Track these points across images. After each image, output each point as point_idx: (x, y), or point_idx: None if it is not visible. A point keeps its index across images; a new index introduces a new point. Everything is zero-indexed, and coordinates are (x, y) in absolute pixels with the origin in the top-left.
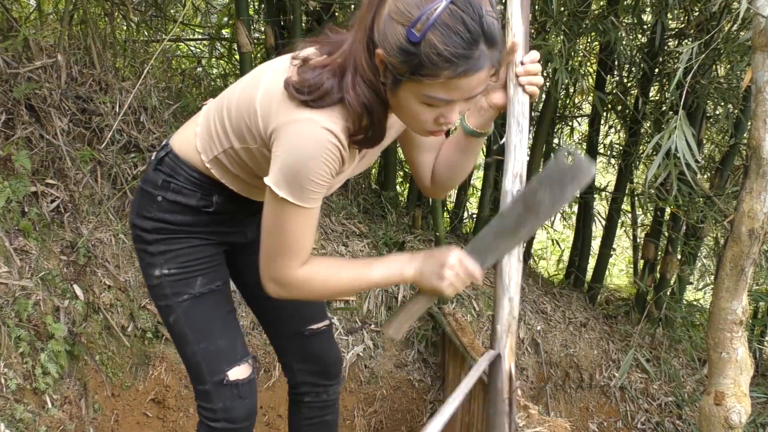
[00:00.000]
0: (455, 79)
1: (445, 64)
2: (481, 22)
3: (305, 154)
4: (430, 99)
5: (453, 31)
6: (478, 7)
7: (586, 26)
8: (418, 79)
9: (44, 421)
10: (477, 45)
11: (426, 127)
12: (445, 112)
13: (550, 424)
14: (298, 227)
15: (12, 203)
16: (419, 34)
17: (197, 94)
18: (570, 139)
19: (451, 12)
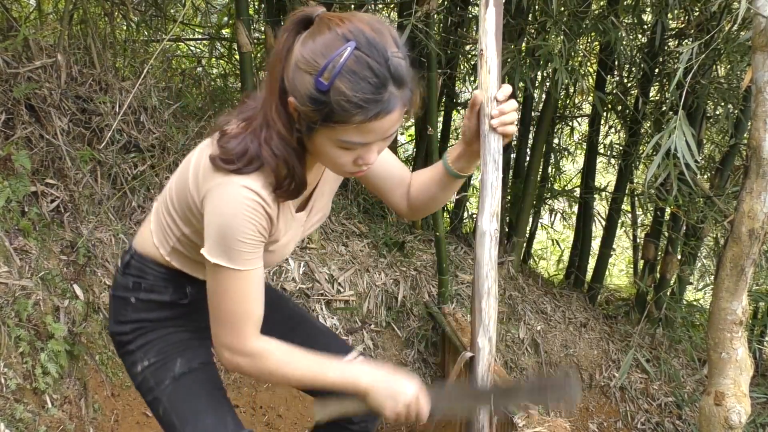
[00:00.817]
0: (367, 123)
1: (356, 109)
2: (388, 65)
3: (228, 214)
4: (345, 143)
5: (360, 77)
6: (383, 50)
7: (586, 26)
8: (331, 126)
9: (44, 421)
10: (385, 88)
11: (346, 169)
12: (362, 154)
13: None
14: (240, 292)
15: (12, 203)
16: (327, 82)
17: (197, 94)
18: (570, 139)
19: (356, 58)
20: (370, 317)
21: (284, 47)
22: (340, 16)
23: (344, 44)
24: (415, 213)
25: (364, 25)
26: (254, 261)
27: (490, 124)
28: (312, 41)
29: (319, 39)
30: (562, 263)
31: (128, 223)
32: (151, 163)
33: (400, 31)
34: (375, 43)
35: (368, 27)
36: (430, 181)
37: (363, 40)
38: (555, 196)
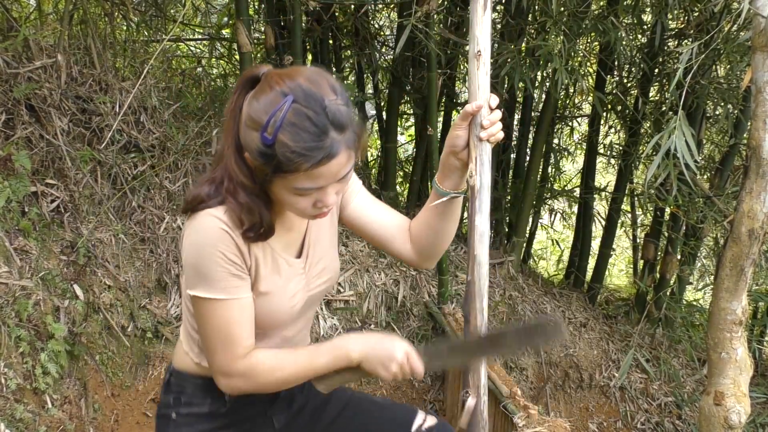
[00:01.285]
0: (314, 169)
1: (300, 158)
2: (326, 112)
3: (197, 243)
4: (299, 191)
5: (300, 128)
6: (320, 99)
7: (586, 26)
8: (283, 176)
9: (44, 421)
10: (326, 134)
11: (307, 213)
12: (319, 197)
13: (550, 424)
14: (224, 321)
15: (12, 203)
16: (271, 137)
17: (197, 94)
18: (570, 139)
19: (295, 111)
20: (370, 317)
21: (236, 106)
22: (281, 73)
23: (283, 99)
24: (425, 256)
25: (302, 79)
26: (233, 290)
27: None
28: (256, 101)
29: (261, 98)
30: (562, 263)
31: (128, 223)
32: (151, 163)
33: (400, 31)
34: (311, 94)
35: (305, 80)
36: (426, 217)
37: (300, 93)
38: (555, 196)
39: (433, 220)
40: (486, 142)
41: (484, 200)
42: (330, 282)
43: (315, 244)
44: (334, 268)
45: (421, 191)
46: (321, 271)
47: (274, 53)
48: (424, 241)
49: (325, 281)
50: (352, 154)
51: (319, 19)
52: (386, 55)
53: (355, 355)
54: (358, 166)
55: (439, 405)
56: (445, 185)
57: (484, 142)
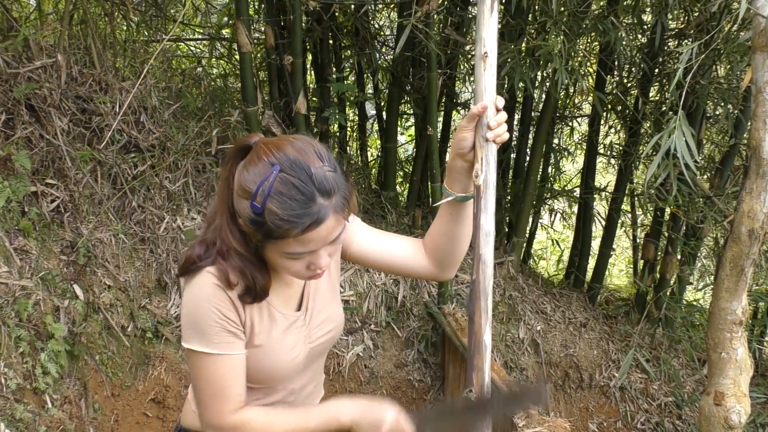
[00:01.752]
0: (303, 234)
1: (289, 225)
2: (312, 180)
3: (193, 298)
4: (291, 255)
5: (287, 196)
6: (306, 167)
7: (586, 26)
8: (274, 242)
9: (44, 421)
10: (313, 201)
11: (301, 275)
12: (311, 260)
13: (550, 424)
14: (216, 375)
15: (12, 203)
16: (260, 205)
17: (197, 94)
18: (570, 139)
19: (282, 180)
20: (370, 317)
21: (229, 174)
22: (270, 143)
23: (270, 169)
24: (445, 266)
25: (289, 148)
26: (226, 346)
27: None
28: (246, 171)
29: (251, 168)
30: (562, 263)
31: (128, 223)
32: (151, 163)
33: (400, 31)
34: (298, 163)
35: (292, 149)
36: (441, 225)
37: (287, 162)
38: (555, 196)
39: (448, 227)
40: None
41: (489, 200)
42: (334, 332)
43: (315, 296)
44: (338, 318)
45: (421, 191)
46: (323, 322)
47: (274, 53)
48: (443, 250)
49: (329, 332)
50: (341, 217)
51: (319, 19)
52: (386, 55)
53: (346, 419)
54: (359, 167)
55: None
56: (455, 189)
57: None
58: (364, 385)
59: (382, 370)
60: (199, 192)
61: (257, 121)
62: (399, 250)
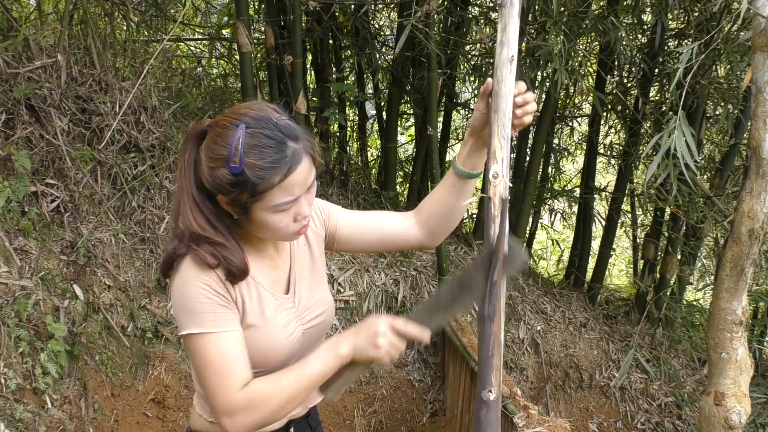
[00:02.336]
0: (286, 179)
1: (271, 172)
2: (278, 127)
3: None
4: (278, 207)
5: (261, 146)
6: (268, 118)
7: (586, 26)
8: (260, 198)
9: (44, 421)
10: (285, 144)
11: (290, 230)
12: (296, 210)
13: (550, 424)
14: (217, 355)
15: (12, 203)
16: (238, 164)
17: (197, 94)
18: (570, 139)
19: (250, 134)
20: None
21: (188, 162)
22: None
23: (237, 129)
24: (435, 235)
25: (245, 109)
26: (222, 322)
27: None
28: (213, 143)
29: (216, 139)
30: (562, 263)
31: (128, 223)
32: (151, 163)
33: (400, 31)
34: (260, 117)
35: (249, 109)
36: (442, 194)
37: (249, 119)
38: (555, 196)
39: (449, 198)
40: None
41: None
42: (326, 315)
43: (300, 281)
44: (328, 301)
45: (421, 191)
46: (313, 305)
47: (274, 53)
48: (438, 219)
49: (320, 314)
50: (313, 158)
51: (319, 19)
52: (386, 55)
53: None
54: (358, 166)
55: (439, 405)
56: (465, 164)
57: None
58: (364, 385)
59: (383, 370)
60: None
61: None
62: (386, 223)
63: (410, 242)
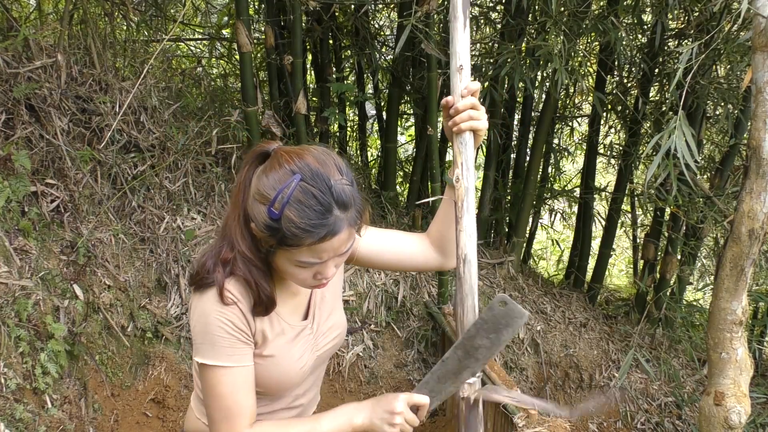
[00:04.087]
0: (318, 244)
1: (305, 234)
2: (331, 191)
3: (203, 313)
4: (301, 263)
5: (306, 206)
6: (326, 178)
7: (586, 26)
8: (286, 249)
9: (44, 421)
10: (330, 213)
11: (307, 284)
12: (320, 269)
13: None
14: (228, 388)
15: (12, 203)
16: (278, 211)
17: (197, 94)
18: (570, 139)
19: (302, 189)
20: (370, 317)
21: (245, 179)
22: (291, 151)
23: (291, 177)
24: (449, 254)
25: (310, 159)
26: (238, 357)
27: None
28: (266, 176)
29: (271, 174)
30: (562, 263)
31: (128, 223)
32: (151, 163)
33: (400, 31)
34: (319, 174)
35: (313, 159)
36: (444, 213)
37: (308, 172)
38: (555, 196)
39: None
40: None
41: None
42: (339, 338)
43: (321, 304)
44: (342, 324)
45: (421, 191)
46: (329, 329)
47: (274, 53)
48: (447, 238)
49: (334, 338)
50: (354, 231)
51: (319, 19)
52: (386, 55)
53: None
54: (358, 166)
55: (439, 405)
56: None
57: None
58: (364, 385)
59: (382, 370)
60: (199, 192)
61: (257, 121)
62: (405, 247)
63: (429, 264)
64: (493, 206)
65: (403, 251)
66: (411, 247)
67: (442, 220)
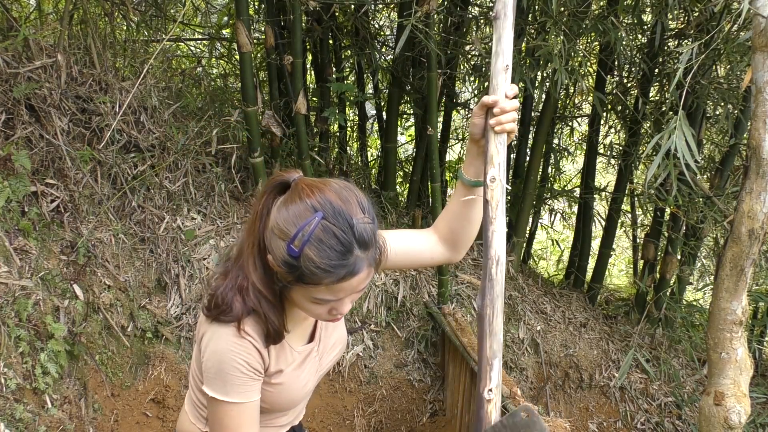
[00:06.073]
0: (336, 284)
1: (324, 273)
2: (353, 231)
3: (219, 351)
4: (318, 300)
5: (326, 245)
6: (349, 217)
7: (586, 26)
8: (304, 286)
9: (44, 421)
10: (351, 253)
11: (321, 318)
12: (336, 306)
13: (550, 424)
14: (235, 422)
15: (12, 203)
16: (297, 249)
17: (197, 94)
18: (570, 139)
19: (323, 227)
20: (370, 317)
21: (263, 208)
22: (312, 185)
23: (313, 214)
24: (458, 247)
25: (333, 195)
26: (248, 394)
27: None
28: (286, 209)
29: (292, 208)
30: (562, 263)
31: (128, 223)
32: (151, 163)
33: (400, 31)
34: (341, 212)
35: (335, 196)
36: (456, 207)
37: (330, 209)
38: (555, 196)
39: (462, 210)
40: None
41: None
42: (340, 353)
43: (326, 327)
44: (343, 337)
45: (421, 191)
46: (332, 346)
47: (274, 53)
48: (457, 232)
49: (336, 354)
50: (372, 270)
51: (319, 19)
52: (386, 55)
53: None
54: (358, 166)
55: (439, 405)
56: (469, 173)
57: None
58: (364, 385)
59: (382, 370)
60: (199, 192)
61: (257, 121)
62: (412, 245)
63: (436, 259)
64: None
65: (410, 250)
66: (417, 244)
67: (456, 217)
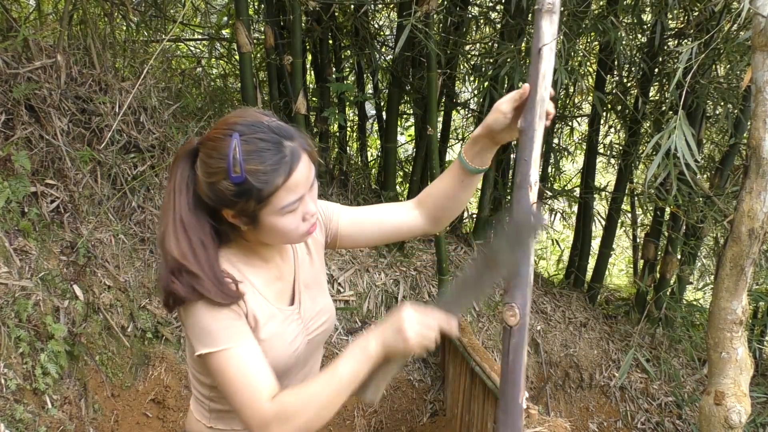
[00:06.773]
0: (289, 179)
1: (274, 173)
2: (271, 129)
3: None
4: (286, 208)
5: (258, 151)
6: (259, 123)
7: (586, 26)
8: (268, 202)
9: (44, 422)
10: (282, 144)
11: (300, 231)
12: (303, 209)
13: (550, 424)
14: (236, 370)
15: (12, 203)
16: (240, 173)
17: (197, 94)
18: (570, 139)
19: (246, 141)
20: (370, 317)
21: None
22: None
23: (230, 139)
24: (440, 222)
25: (234, 118)
26: (237, 335)
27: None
28: (208, 158)
29: (212, 153)
30: (562, 263)
31: (128, 223)
32: (151, 163)
33: (400, 31)
34: (251, 123)
35: (236, 117)
36: (447, 186)
37: (240, 127)
38: (555, 196)
39: (454, 191)
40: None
41: None
42: (328, 323)
43: (305, 290)
44: (330, 308)
45: (421, 191)
46: (317, 314)
47: (273, 53)
48: (442, 208)
49: (324, 323)
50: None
51: (319, 19)
52: (386, 55)
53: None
54: (358, 166)
55: (439, 405)
56: (474, 161)
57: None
58: None
59: None
60: None
61: None
62: (387, 216)
63: (414, 231)
64: (493, 206)
65: (385, 220)
66: (393, 215)
67: (446, 196)
